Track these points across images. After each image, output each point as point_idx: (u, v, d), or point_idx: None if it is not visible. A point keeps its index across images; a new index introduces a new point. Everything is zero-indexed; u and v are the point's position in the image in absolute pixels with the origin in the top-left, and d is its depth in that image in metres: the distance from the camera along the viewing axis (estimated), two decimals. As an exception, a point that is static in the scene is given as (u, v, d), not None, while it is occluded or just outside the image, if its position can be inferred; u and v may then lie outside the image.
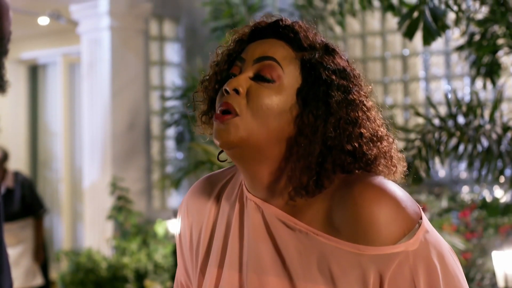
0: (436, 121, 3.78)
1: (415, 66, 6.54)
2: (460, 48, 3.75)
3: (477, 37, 3.61)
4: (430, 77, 6.44)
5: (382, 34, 6.60)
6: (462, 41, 3.87)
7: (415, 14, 3.44)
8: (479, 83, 4.22)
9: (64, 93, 8.06)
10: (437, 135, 3.64)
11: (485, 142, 3.59)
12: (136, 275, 6.22)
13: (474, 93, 3.89)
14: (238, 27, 1.49)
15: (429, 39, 3.44)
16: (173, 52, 7.57)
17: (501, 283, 3.78)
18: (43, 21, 7.12)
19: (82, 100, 7.18)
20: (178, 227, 1.46)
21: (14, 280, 5.63)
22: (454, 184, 6.08)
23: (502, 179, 3.63)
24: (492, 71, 3.65)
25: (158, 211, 7.15)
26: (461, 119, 3.72)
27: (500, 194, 5.47)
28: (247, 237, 1.30)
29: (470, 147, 3.61)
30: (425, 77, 6.45)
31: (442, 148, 3.62)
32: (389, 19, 6.37)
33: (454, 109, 3.73)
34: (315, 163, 1.24)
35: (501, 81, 4.15)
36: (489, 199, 5.50)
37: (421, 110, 6.16)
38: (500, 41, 3.56)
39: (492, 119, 3.67)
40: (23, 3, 6.76)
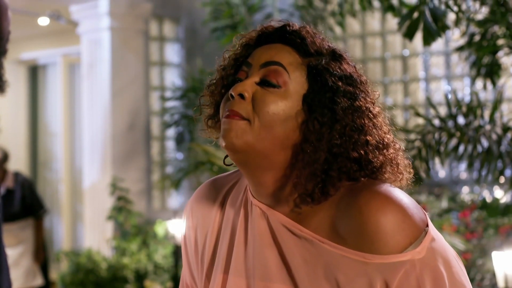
0: (436, 122, 3.77)
1: (415, 66, 6.54)
2: (460, 49, 3.74)
3: (477, 38, 3.61)
4: (430, 77, 6.44)
5: (382, 35, 6.60)
6: (462, 41, 3.87)
7: (415, 15, 3.44)
8: (479, 83, 4.23)
9: (64, 94, 8.05)
10: (437, 135, 3.64)
11: (485, 143, 3.59)
12: (136, 275, 6.22)
13: (474, 93, 3.88)
14: (238, 27, 1.49)
15: (429, 39, 3.43)
16: (173, 53, 7.57)
17: (501, 283, 3.77)
18: (43, 21, 7.11)
19: (82, 100, 7.17)
20: (183, 228, 1.47)
21: (14, 280, 5.63)
22: (454, 184, 6.08)
23: (502, 179, 3.63)
24: (492, 71, 3.64)
25: (158, 212, 7.14)
26: (461, 120, 3.71)
27: (500, 194, 5.47)
28: (252, 243, 1.30)
29: (470, 148, 3.60)
30: (425, 77, 6.45)
31: (442, 148, 3.62)
32: (389, 20, 6.37)
33: (454, 110, 3.72)
34: (321, 170, 1.23)
35: (501, 81, 4.15)
36: (489, 199, 5.50)
37: (421, 111, 6.16)
38: (500, 42, 3.55)
39: (492, 120, 3.66)
40: (23, 3, 6.76)
